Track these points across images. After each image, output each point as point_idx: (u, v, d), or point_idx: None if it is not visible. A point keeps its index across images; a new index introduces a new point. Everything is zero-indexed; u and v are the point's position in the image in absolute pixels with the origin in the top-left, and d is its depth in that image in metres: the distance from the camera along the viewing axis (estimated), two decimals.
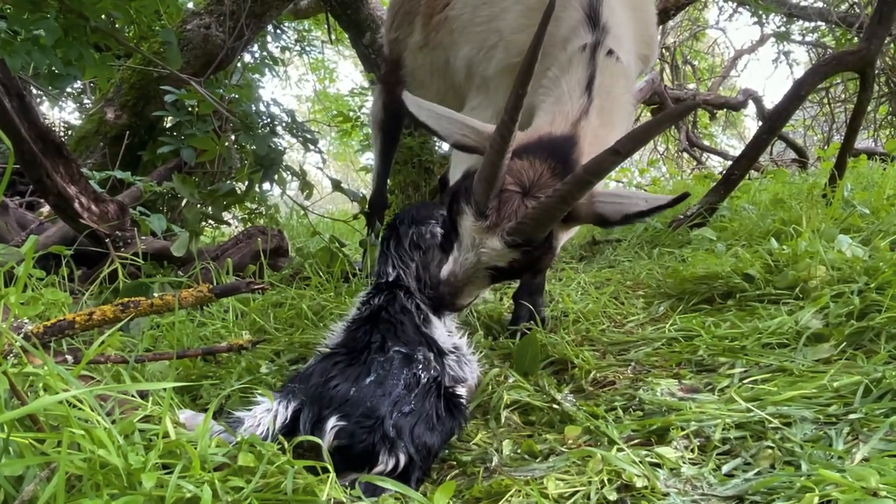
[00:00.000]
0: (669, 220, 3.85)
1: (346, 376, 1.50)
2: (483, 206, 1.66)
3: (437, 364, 1.63)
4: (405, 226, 1.97)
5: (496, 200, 1.66)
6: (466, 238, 1.72)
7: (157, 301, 1.76)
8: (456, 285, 1.77)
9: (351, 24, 6.14)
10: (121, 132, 4.65)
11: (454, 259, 1.77)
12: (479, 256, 1.70)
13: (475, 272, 1.74)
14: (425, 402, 1.49)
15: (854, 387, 1.52)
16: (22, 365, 1.19)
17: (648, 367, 1.96)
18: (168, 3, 3.02)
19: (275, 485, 1.18)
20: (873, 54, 3.58)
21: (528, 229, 1.62)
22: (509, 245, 1.65)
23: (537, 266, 1.75)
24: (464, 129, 1.78)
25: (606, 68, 1.85)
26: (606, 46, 1.87)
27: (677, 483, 1.29)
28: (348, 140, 9.45)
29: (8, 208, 3.32)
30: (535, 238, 1.65)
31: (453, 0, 2.47)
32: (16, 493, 1.00)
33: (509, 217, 1.65)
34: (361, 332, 1.67)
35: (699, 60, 11.69)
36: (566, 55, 1.90)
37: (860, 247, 2.38)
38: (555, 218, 1.62)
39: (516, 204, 1.66)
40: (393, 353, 1.57)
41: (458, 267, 1.75)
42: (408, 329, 1.69)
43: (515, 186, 1.67)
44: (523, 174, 1.68)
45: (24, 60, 2.60)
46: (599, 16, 1.89)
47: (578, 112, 1.80)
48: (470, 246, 1.71)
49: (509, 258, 1.68)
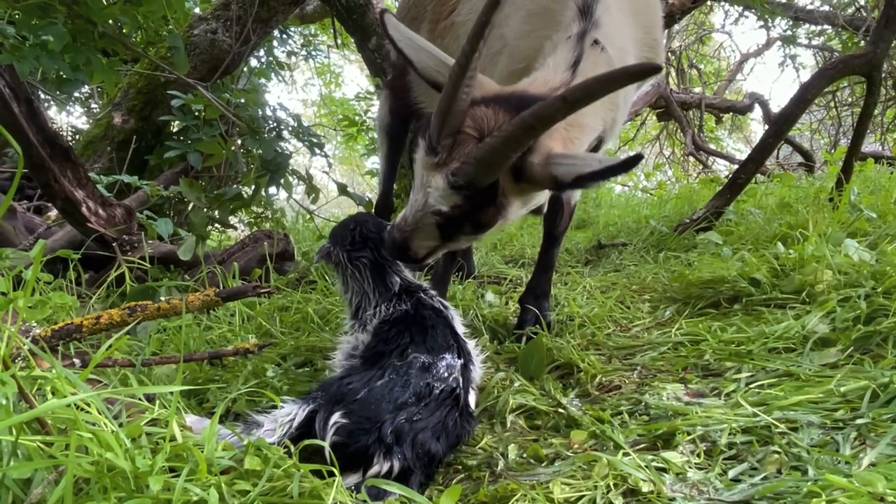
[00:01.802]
0: (675, 224, 3.84)
1: (361, 376, 1.52)
2: (435, 142, 1.61)
3: (460, 375, 1.59)
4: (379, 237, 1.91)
5: (450, 140, 1.62)
6: (418, 176, 1.68)
7: (163, 305, 1.76)
8: (406, 230, 1.72)
9: (357, 28, 6.15)
10: (128, 136, 4.68)
11: (409, 203, 1.72)
12: (427, 197, 1.65)
13: (423, 216, 1.69)
14: (436, 413, 1.48)
15: (861, 391, 1.52)
16: (30, 368, 1.20)
17: (654, 372, 1.95)
18: (175, 9, 3.03)
19: (281, 488, 1.18)
20: (880, 58, 3.57)
21: (470, 169, 1.57)
22: (452, 186, 1.60)
23: (479, 217, 1.69)
24: (440, 65, 1.74)
25: (591, 56, 1.83)
26: (593, 36, 1.86)
27: (683, 488, 1.29)
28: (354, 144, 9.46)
29: (16, 212, 3.34)
30: (478, 181, 1.59)
31: (459, 6, 2.47)
32: (24, 496, 1.00)
33: (458, 158, 1.61)
34: (393, 332, 1.66)
35: (705, 64, 11.68)
36: (552, 43, 1.90)
37: (867, 251, 2.37)
38: (498, 162, 1.56)
39: (469, 147, 1.61)
40: (412, 359, 1.56)
41: (409, 210, 1.71)
42: (438, 334, 1.67)
43: (473, 131, 1.62)
44: (484, 121, 1.63)
45: (32, 65, 2.62)
46: (593, 11, 1.89)
47: (559, 83, 1.76)
48: (419, 186, 1.67)
49: (452, 202, 1.63)
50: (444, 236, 1.76)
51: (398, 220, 1.74)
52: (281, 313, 2.60)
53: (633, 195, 7.44)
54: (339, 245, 1.87)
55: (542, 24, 2.02)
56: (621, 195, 7.32)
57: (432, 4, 2.74)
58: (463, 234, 1.79)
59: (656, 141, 11.39)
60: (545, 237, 2.45)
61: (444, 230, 1.74)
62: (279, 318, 2.53)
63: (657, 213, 4.75)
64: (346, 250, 1.86)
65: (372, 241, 1.87)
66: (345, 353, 1.78)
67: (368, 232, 1.88)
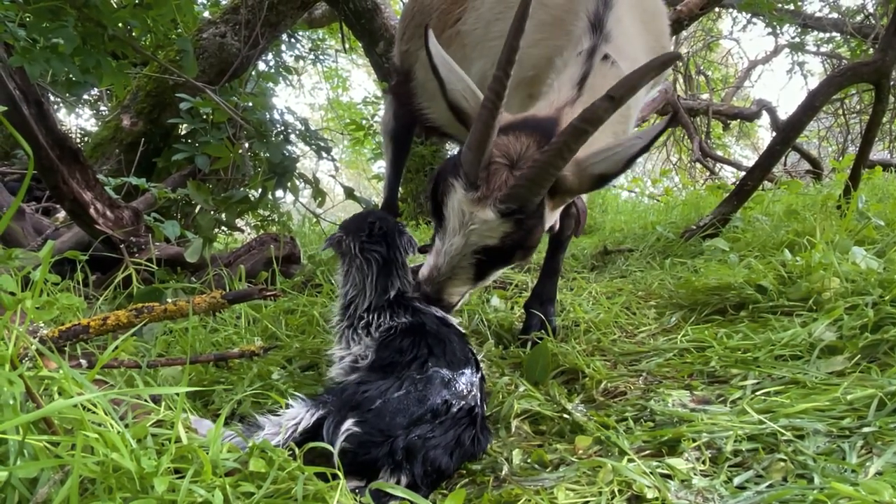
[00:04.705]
0: (682, 230, 3.83)
1: (378, 385, 1.47)
2: (474, 176, 1.59)
3: (477, 392, 1.56)
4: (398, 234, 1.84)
5: (485, 172, 1.61)
6: (453, 220, 1.65)
7: (170, 306, 1.77)
8: (439, 280, 1.70)
9: (364, 33, 6.19)
10: (136, 139, 4.71)
11: (437, 251, 1.70)
12: (468, 237, 1.63)
13: (461, 259, 1.67)
14: (451, 431, 1.44)
15: (868, 400, 1.51)
16: (37, 368, 1.20)
17: (660, 378, 1.95)
18: (184, 12, 3.05)
19: (285, 490, 1.18)
20: (888, 65, 3.56)
21: (523, 192, 1.57)
22: (503, 214, 1.59)
23: (529, 240, 1.68)
24: (467, 91, 1.74)
25: (600, 70, 1.84)
26: (603, 51, 1.87)
27: (688, 495, 1.29)
28: (361, 148, 9.50)
29: (24, 213, 3.35)
30: (531, 202, 1.59)
31: (465, 15, 2.48)
32: (30, 495, 1.01)
33: (500, 187, 1.60)
34: (407, 343, 1.60)
35: (713, 71, 11.68)
36: (562, 60, 1.91)
37: (875, 259, 2.36)
38: (551, 176, 1.56)
39: (505, 175, 1.61)
40: (432, 374, 1.51)
41: (441, 258, 1.68)
42: (456, 347, 1.62)
43: (503, 159, 1.63)
44: (510, 147, 1.64)
45: (42, 68, 2.64)
46: (604, 24, 1.89)
47: (564, 102, 1.78)
48: (458, 227, 1.64)
49: (501, 231, 1.61)
50: (478, 275, 1.74)
51: (426, 273, 1.71)
52: (287, 316, 2.61)
53: (640, 201, 7.43)
54: (352, 235, 1.80)
55: (553, 34, 2.03)
56: (627, 201, 7.31)
57: (437, 13, 2.75)
58: (501, 267, 1.78)
59: (663, 147, 11.39)
60: (551, 242, 2.45)
61: (481, 268, 1.72)
62: (285, 321, 2.54)
63: (663, 220, 4.74)
64: (359, 241, 1.78)
65: (388, 238, 1.80)
66: (345, 367, 1.70)
67: (386, 228, 1.81)
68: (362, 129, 8.15)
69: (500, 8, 2.26)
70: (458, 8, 2.56)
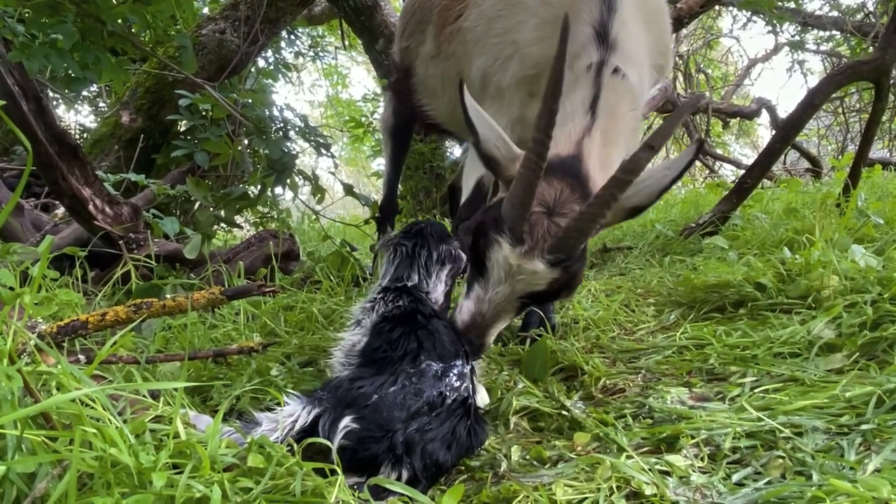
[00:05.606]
0: (681, 228, 3.83)
1: (372, 381, 1.48)
2: (519, 232, 1.64)
3: (469, 383, 1.57)
4: (434, 239, 1.93)
5: (525, 224, 1.65)
6: (498, 271, 1.68)
7: (169, 302, 1.77)
8: (483, 325, 1.73)
9: (364, 30, 6.19)
10: (135, 135, 4.70)
11: (478, 298, 1.73)
12: (515, 286, 1.68)
13: (505, 305, 1.71)
14: (447, 423, 1.45)
15: (866, 397, 1.51)
16: (36, 364, 1.20)
17: (659, 375, 1.95)
18: (184, 8, 3.04)
19: (284, 486, 1.18)
20: (888, 64, 3.56)
21: (571, 242, 1.62)
22: (552, 264, 1.63)
23: (574, 282, 1.73)
24: (499, 141, 1.77)
25: (612, 87, 1.86)
26: (613, 64, 1.88)
27: (686, 491, 1.29)
28: (360, 145, 9.50)
29: (23, 209, 3.35)
30: (577, 250, 1.64)
31: (467, 12, 2.47)
32: (28, 490, 1.01)
33: (543, 237, 1.64)
34: (397, 334, 1.63)
35: (712, 69, 11.68)
36: (573, 74, 1.90)
37: (874, 257, 2.36)
38: (596, 225, 1.62)
39: (546, 224, 1.65)
40: (425, 367, 1.53)
41: (485, 305, 1.72)
42: (444, 339, 1.64)
43: (540, 207, 1.67)
44: (545, 194, 1.68)
45: (41, 64, 2.63)
46: (609, 31, 1.89)
47: (581, 131, 1.80)
48: (504, 277, 1.68)
49: (550, 278, 1.66)
50: (519, 309, 1.79)
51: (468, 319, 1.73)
52: (285, 312, 2.61)
53: None
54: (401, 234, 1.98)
55: (555, 32, 2.02)
56: None
57: (438, 9, 2.75)
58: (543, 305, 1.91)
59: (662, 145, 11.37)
60: None
61: (522, 309, 1.78)
62: (284, 318, 2.54)
63: (663, 217, 4.75)
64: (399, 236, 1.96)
65: (420, 237, 1.92)
66: (344, 351, 1.74)
67: (422, 230, 1.95)
68: (362, 126, 8.13)
69: (502, 5, 2.26)
70: (459, 4, 2.56)
